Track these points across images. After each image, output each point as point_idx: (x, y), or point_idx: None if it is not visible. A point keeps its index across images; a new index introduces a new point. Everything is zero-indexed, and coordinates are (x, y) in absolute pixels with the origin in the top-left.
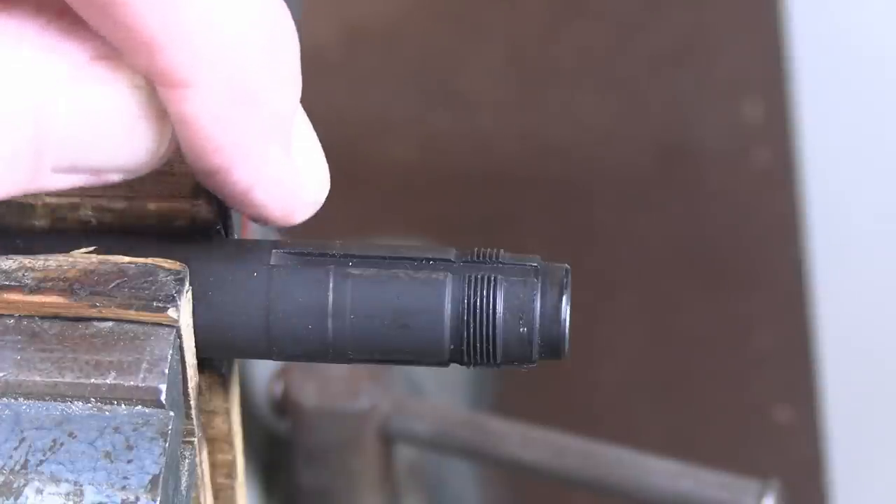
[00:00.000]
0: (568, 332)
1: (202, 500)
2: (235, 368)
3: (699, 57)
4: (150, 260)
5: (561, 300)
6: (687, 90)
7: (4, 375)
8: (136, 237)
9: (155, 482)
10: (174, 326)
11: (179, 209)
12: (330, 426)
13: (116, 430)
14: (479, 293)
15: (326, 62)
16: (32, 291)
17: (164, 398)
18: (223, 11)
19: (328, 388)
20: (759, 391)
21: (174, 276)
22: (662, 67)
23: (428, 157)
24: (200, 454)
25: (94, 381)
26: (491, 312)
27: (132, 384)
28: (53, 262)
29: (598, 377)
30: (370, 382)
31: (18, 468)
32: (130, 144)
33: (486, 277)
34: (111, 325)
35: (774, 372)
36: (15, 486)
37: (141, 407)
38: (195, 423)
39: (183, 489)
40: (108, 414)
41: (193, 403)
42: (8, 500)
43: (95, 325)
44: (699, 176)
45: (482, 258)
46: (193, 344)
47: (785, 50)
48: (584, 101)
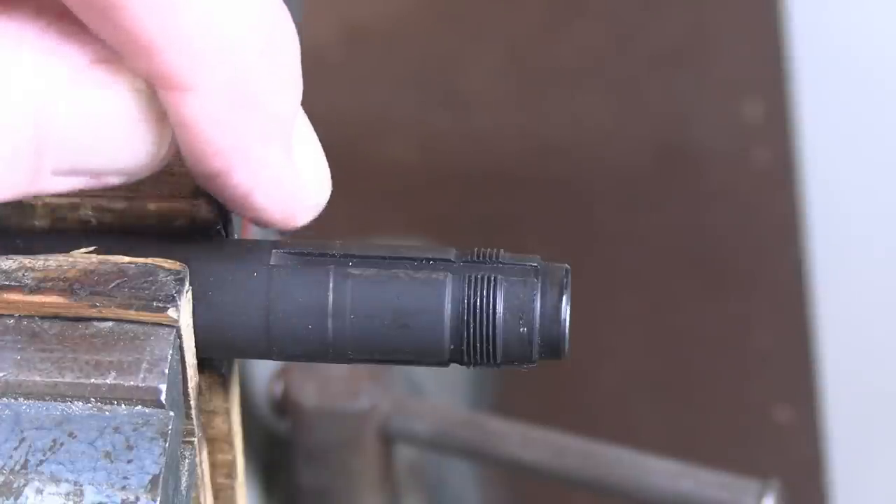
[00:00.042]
0: (568, 332)
1: (202, 500)
2: (235, 368)
3: (699, 57)
4: (150, 260)
5: (561, 300)
6: (687, 90)
7: (4, 375)
8: (136, 237)
9: (155, 482)
10: (174, 326)
11: (179, 209)
12: (330, 426)
13: (116, 430)
14: (479, 293)
15: (326, 62)
16: (32, 291)
17: (164, 398)
18: (223, 14)
19: (328, 388)
20: (759, 391)
21: (174, 276)
22: (662, 67)
23: (428, 157)
24: (200, 454)
25: (94, 381)
26: (491, 312)
27: (132, 384)
28: (53, 262)
29: (598, 377)
30: (370, 382)
31: (18, 468)
32: (130, 147)
33: (486, 277)
34: (111, 325)
35: (774, 372)
36: (15, 486)
37: (141, 407)
38: (195, 423)
39: (183, 489)
40: (108, 414)
41: (193, 403)
42: (8, 500)
43: (95, 325)
44: (699, 176)
45: (482, 258)
46: (193, 344)
47: (785, 50)
48: (584, 101)
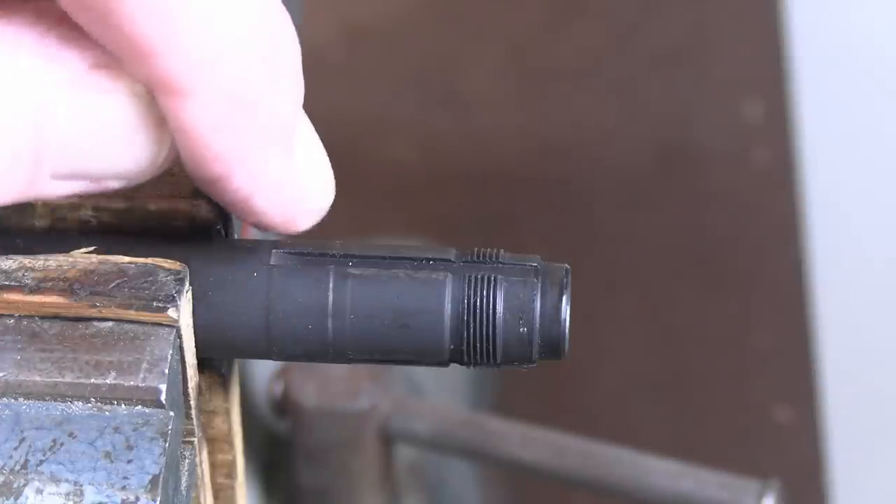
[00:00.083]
0: (568, 332)
1: (202, 500)
2: (235, 368)
3: (699, 57)
4: (150, 260)
5: (561, 300)
6: (687, 90)
7: (4, 375)
8: (136, 237)
9: (155, 482)
10: (174, 326)
11: (179, 209)
12: (330, 426)
13: (116, 430)
14: (479, 293)
15: (326, 62)
16: (32, 291)
17: (164, 398)
18: (221, 19)
19: (328, 388)
20: (759, 391)
21: (174, 276)
22: (662, 67)
23: (428, 157)
24: (200, 454)
25: (94, 381)
26: (491, 312)
27: (132, 384)
28: (53, 262)
29: (598, 377)
30: (370, 382)
31: (18, 468)
32: (130, 152)
33: (486, 277)
34: (111, 325)
35: (774, 372)
36: (15, 486)
37: (141, 407)
38: (195, 423)
39: (183, 489)
40: (108, 414)
41: (193, 403)
42: (8, 500)
43: (95, 325)
44: (699, 176)
45: (482, 258)
46: (193, 344)
47: (785, 50)
48: (584, 101)
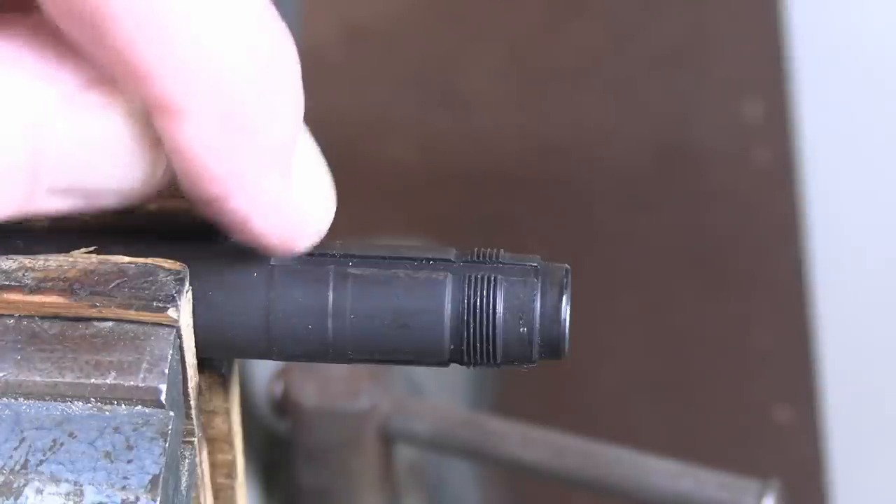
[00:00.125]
0: (568, 332)
1: (202, 500)
2: (235, 368)
3: (699, 57)
4: (150, 260)
5: (561, 300)
6: (687, 90)
7: (4, 375)
8: (136, 237)
9: (155, 482)
10: (174, 326)
11: (179, 209)
12: (330, 426)
13: (116, 430)
14: (479, 293)
15: (326, 62)
16: (32, 291)
17: (164, 398)
18: (218, 39)
19: (328, 388)
20: (759, 391)
21: (174, 276)
22: (662, 67)
23: (428, 157)
24: (200, 454)
25: (94, 381)
26: (491, 312)
27: (132, 384)
28: (53, 262)
29: (598, 377)
30: (370, 382)
31: (18, 468)
32: (126, 170)
33: (486, 277)
34: (111, 325)
35: (774, 372)
36: (15, 486)
37: (141, 407)
38: (195, 423)
39: (183, 489)
40: (108, 414)
41: (193, 403)
42: (8, 500)
43: (95, 325)
44: (699, 176)
45: (482, 258)
46: (193, 344)
47: (785, 50)
48: (584, 101)
